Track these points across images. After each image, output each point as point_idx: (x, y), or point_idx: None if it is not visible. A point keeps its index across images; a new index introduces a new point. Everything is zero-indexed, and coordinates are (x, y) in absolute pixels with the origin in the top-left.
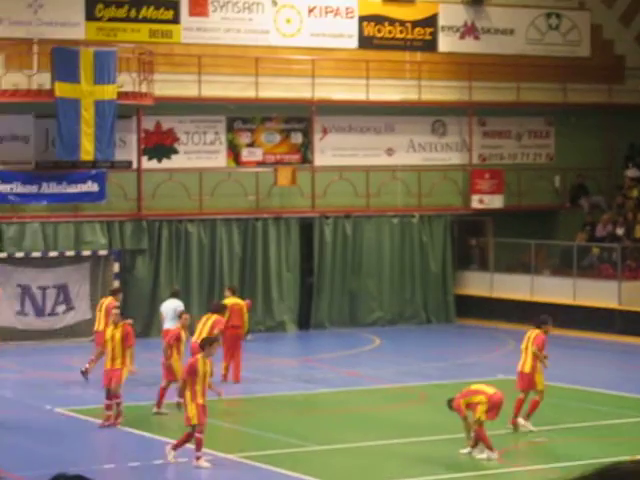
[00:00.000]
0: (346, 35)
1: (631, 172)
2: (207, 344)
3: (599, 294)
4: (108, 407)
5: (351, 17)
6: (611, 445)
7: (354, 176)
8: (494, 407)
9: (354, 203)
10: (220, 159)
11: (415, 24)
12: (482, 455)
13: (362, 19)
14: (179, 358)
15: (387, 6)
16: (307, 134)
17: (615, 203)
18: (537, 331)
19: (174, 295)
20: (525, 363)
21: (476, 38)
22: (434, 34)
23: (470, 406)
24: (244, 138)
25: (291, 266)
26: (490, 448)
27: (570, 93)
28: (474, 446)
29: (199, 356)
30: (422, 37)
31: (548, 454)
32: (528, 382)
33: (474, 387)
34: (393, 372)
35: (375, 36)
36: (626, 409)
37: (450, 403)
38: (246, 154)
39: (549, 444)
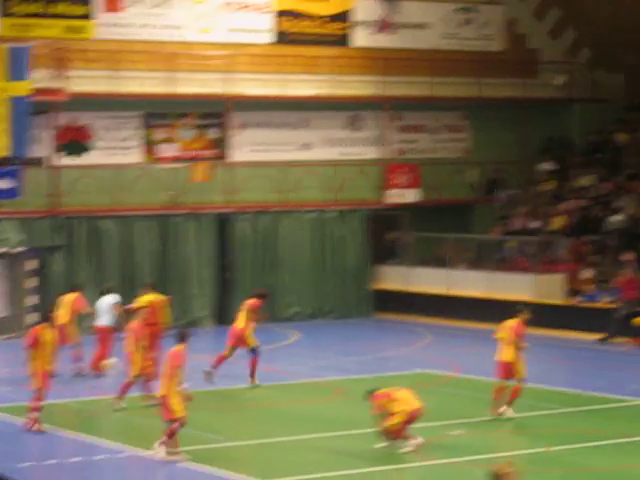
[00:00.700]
0: (261, 30)
1: (546, 165)
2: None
3: (515, 287)
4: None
5: (266, 12)
6: (529, 437)
7: (270, 171)
8: (409, 422)
9: (271, 198)
10: (136, 155)
11: (330, 19)
12: (407, 448)
13: (277, 14)
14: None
15: (302, 1)
16: (223, 130)
17: (530, 196)
18: (514, 320)
19: (109, 291)
20: (505, 352)
21: (391, 33)
22: (348, 29)
23: (387, 410)
24: (160, 134)
25: (208, 262)
26: (407, 438)
27: (485, 87)
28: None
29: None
30: (337, 32)
31: (466, 447)
32: (509, 371)
33: (400, 394)
34: (311, 367)
35: (290, 31)
36: (543, 401)
37: (369, 396)
38: (162, 150)
39: (467, 437)
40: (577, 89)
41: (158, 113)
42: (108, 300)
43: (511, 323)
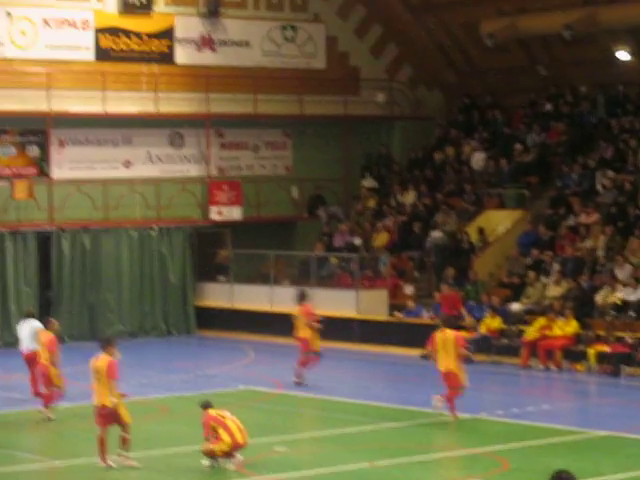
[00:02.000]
0: (82, 47)
1: (367, 182)
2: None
3: (338, 303)
4: None
5: (87, 29)
6: (352, 452)
7: (92, 189)
8: (228, 453)
9: (92, 216)
10: None
11: (151, 36)
12: (230, 466)
13: (98, 31)
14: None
15: (123, 18)
16: (44, 147)
17: (352, 213)
18: (452, 332)
19: (28, 316)
20: (448, 362)
21: (213, 50)
22: (171, 46)
23: (214, 433)
24: None
25: (29, 280)
26: (229, 456)
27: (307, 105)
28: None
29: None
30: (159, 49)
31: (289, 463)
32: (454, 379)
33: (231, 423)
34: (134, 385)
35: (111, 48)
36: (367, 417)
37: (203, 410)
38: None
39: (290, 454)
40: (398, 107)
41: None
42: (30, 325)
43: (451, 335)
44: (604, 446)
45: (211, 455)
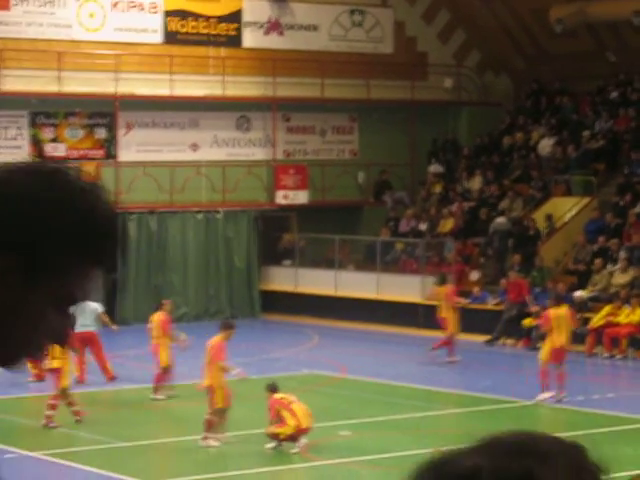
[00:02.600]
0: (150, 30)
1: (434, 168)
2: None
3: (402, 289)
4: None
5: (155, 12)
6: (417, 438)
7: (158, 171)
8: (294, 437)
9: (158, 199)
10: (23, 154)
11: (220, 20)
12: (295, 449)
13: (166, 14)
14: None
15: (191, 1)
16: (111, 129)
17: (418, 198)
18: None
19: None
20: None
21: (280, 34)
22: (238, 29)
23: (279, 416)
24: (47, 133)
25: None
26: (295, 439)
27: (373, 89)
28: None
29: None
30: (226, 33)
31: (353, 447)
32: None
33: (297, 407)
34: (198, 368)
35: (179, 31)
36: (431, 402)
37: (269, 392)
38: (50, 149)
39: (354, 438)
40: (466, 92)
41: (45, 112)
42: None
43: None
44: None
45: (275, 438)
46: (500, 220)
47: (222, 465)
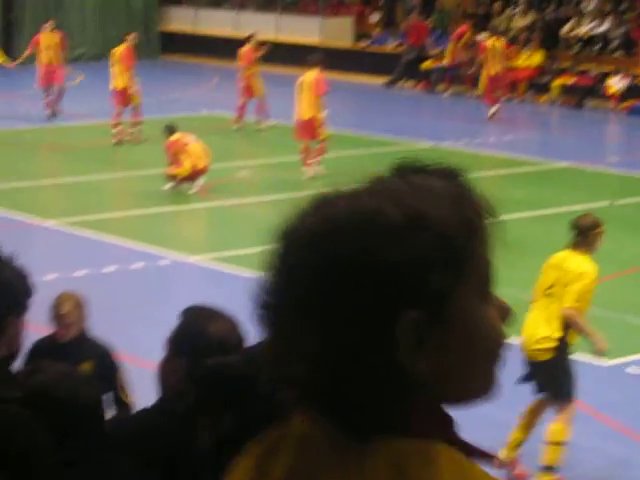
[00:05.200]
0: None
1: None
2: None
3: (303, 30)
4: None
5: None
6: (321, 182)
7: None
8: (192, 177)
9: None
10: None
11: None
12: (193, 189)
13: None
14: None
15: None
16: None
17: None
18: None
19: None
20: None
21: None
22: None
23: (176, 158)
24: None
25: None
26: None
27: None
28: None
29: None
30: None
31: (251, 188)
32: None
33: (193, 147)
34: (98, 108)
35: None
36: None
37: (167, 134)
38: None
39: (252, 178)
40: None
41: None
42: None
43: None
44: (564, 177)
45: (173, 179)
46: None
47: (124, 204)
